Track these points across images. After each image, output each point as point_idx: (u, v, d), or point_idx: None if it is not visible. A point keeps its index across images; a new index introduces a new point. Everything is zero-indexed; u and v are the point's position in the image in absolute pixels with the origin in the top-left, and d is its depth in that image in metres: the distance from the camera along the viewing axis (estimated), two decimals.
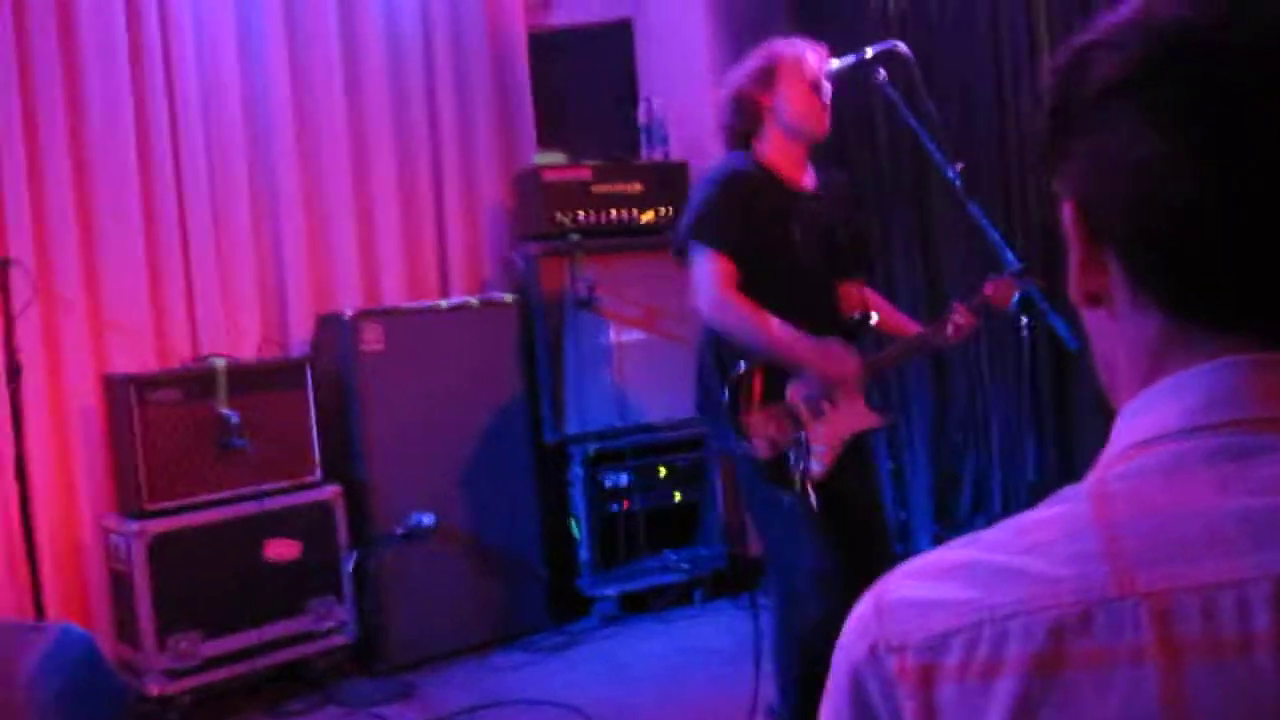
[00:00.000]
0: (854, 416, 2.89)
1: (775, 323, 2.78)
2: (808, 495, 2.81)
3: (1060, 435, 4.06)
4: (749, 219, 2.86)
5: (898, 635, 0.65)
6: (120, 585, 3.74)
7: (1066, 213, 0.72)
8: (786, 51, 2.95)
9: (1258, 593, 0.59)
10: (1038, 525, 0.65)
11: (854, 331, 2.97)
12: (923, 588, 0.66)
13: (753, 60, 2.99)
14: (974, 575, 0.65)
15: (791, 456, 2.83)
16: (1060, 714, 0.60)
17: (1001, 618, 0.62)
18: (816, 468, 2.83)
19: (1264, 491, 0.61)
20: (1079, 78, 0.70)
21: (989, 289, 2.72)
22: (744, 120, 2.96)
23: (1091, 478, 0.67)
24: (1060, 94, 0.71)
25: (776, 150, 2.95)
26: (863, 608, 0.69)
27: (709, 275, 2.85)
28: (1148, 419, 0.67)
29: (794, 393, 2.84)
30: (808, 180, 3.00)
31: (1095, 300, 0.72)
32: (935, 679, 0.63)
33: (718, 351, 2.92)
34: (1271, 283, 0.64)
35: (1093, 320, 0.74)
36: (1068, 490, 0.67)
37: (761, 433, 2.83)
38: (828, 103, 2.91)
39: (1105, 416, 0.72)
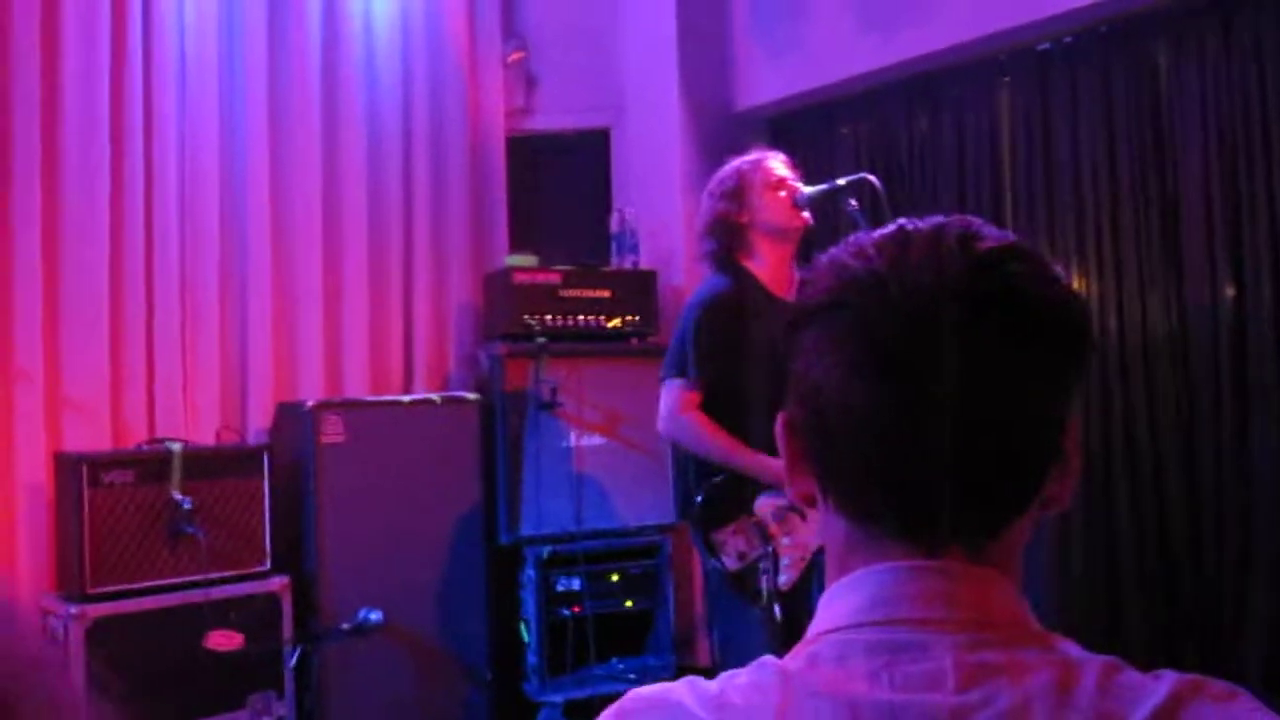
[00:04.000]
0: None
1: (729, 440, 2.87)
2: (773, 609, 2.83)
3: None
4: (733, 334, 2.95)
5: None
6: None
7: (778, 425, 0.84)
8: (746, 165, 3.10)
9: None
10: (736, 690, 0.77)
11: None
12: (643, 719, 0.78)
13: (718, 183, 3.11)
14: None
15: (760, 568, 2.85)
16: None
17: None
18: (784, 580, 2.86)
19: (904, 689, 0.72)
20: (793, 313, 0.82)
21: None
22: (727, 240, 3.06)
23: (789, 654, 0.78)
24: (786, 331, 0.83)
25: (765, 260, 3.08)
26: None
27: (668, 400, 3.01)
28: (831, 611, 0.79)
29: (762, 506, 2.88)
30: (795, 292, 3.08)
31: (810, 501, 0.83)
32: None
33: (690, 467, 2.98)
34: (921, 492, 0.75)
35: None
36: (768, 659, 0.79)
37: (731, 547, 2.87)
38: (799, 200, 3.01)
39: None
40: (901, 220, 0.80)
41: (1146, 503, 3.81)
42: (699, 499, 2.90)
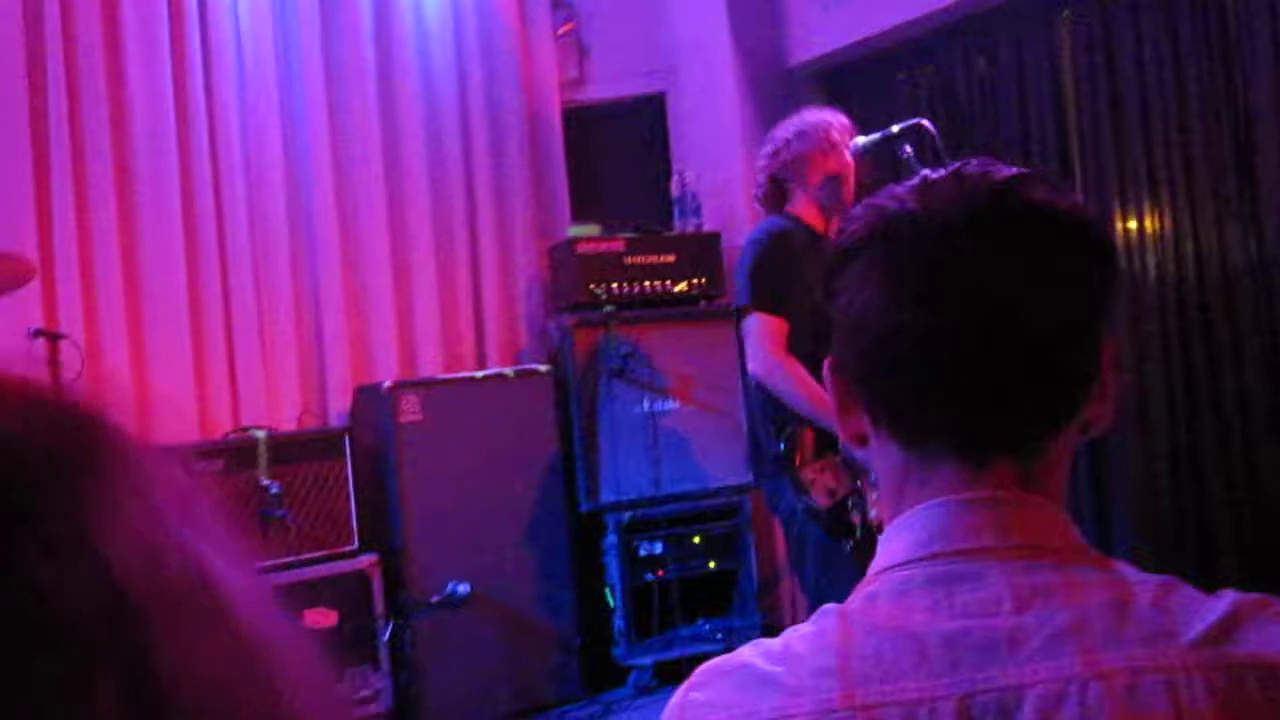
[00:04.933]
0: None
1: (817, 389, 2.85)
2: (869, 541, 2.84)
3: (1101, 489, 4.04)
4: (794, 269, 2.95)
5: None
6: None
7: (825, 369, 0.88)
8: (815, 134, 3.08)
9: (946, 708, 0.71)
10: (799, 639, 0.80)
11: None
12: (707, 689, 0.81)
13: (782, 134, 3.09)
14: (747, 680, 0.79)
15: (850, 504, 2.86)
16: None
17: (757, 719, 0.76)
18: (875, 514, 2.86)
19: (964, 615, 0.75)
20: (833, 255, 0.86)
21: None
22: (778, 193, 3.07)
23: (850, 597, 0.81)
24: (826, 274, 0.87)
25: (809, 212, 3.08)
26: (678, 696, 0.83)
27: (757, 336, 2.97)
28: (889, 549, 0.82)
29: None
30: None
31: (862, 440, 0.87)
32: None
33: (771, 407, 2.98)
34: (967, 403, 0.79)
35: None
36: (829, 607, 0.81)
37: (820, 484, 2.87)
38: (850, 171, 3.01)
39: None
40: (923, 171, 0.85)
41: (1234, 440, 3.73)
42: (783, 442, 2.91)
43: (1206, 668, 0.69)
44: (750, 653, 0.82)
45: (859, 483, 2.88)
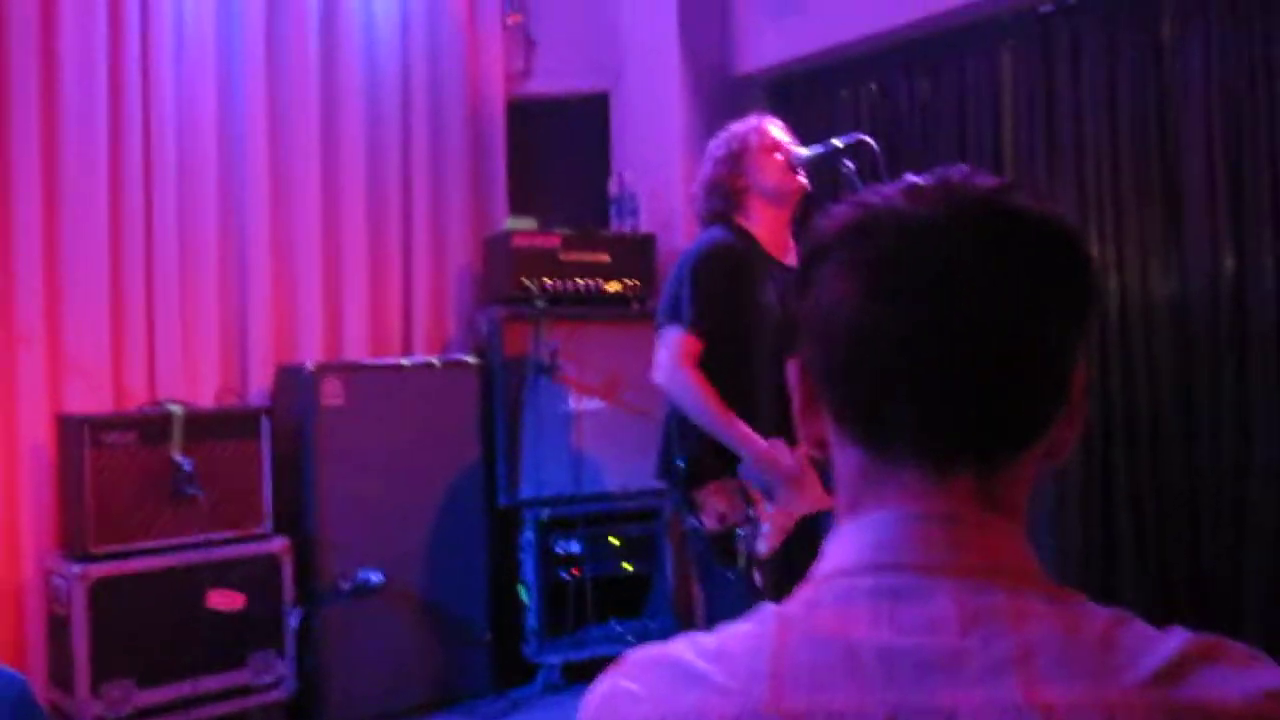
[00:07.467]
0: (807, 498, 2.91)
1: (722, 410, 2.83)
2: (751, 574, 2.82)
3: None
4: (729, 286, 2.92)
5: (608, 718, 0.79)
6: (58, 628, 3.68)
7: (790, 371, 0.85)
8: (743, 129, 3.09)
9: None
10: (734, 638, 0.78)
11: None
12: (637, 679, 0.79)
13: (716, 149, 3.10)
14: (674, 674, 0.77)
15: (740, 533, 2.84)
16: None
17: (677, 715, 0.75)
18: (763, 547, 2.83)
19: (906, 632, 0.72)
20: (809, 250, 0.83)
21: None
22: (724, 204, 3.05)
23: (791, 599, 0.79)
24: (801, 269, 0.84)
25: (761, 223, 3.05)
26: (602, 685, 0.82)
27: (669, 350, 2.92)
28: (839, 554, 0.80)
29: (747, 470, 2.87)
30: (791, 258, 3.07)
31: (821, 445, 0.85)
32: None
33: (679, 422, 2.96)
34: (934, 407, 0.77)
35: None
36: (769, 608, 0.79)
37: (711, 507, 2.86)
38: (795, 162, 3.00)
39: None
40: (909, 176, 0.83)
41: (1143, 469, 3.83)
42: (683, 456, 2.89)
43: (1150, 709, 0.68)
44: (684, 647, 0.79)
45: (753, 512, 2.85)
